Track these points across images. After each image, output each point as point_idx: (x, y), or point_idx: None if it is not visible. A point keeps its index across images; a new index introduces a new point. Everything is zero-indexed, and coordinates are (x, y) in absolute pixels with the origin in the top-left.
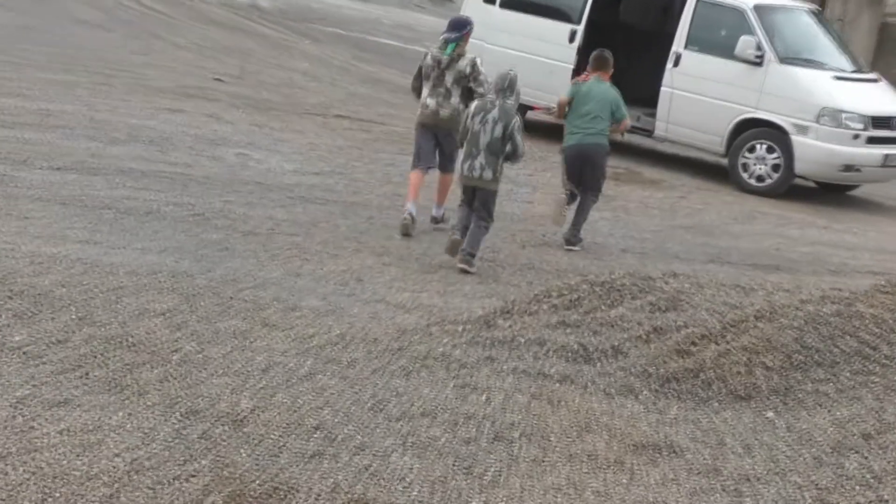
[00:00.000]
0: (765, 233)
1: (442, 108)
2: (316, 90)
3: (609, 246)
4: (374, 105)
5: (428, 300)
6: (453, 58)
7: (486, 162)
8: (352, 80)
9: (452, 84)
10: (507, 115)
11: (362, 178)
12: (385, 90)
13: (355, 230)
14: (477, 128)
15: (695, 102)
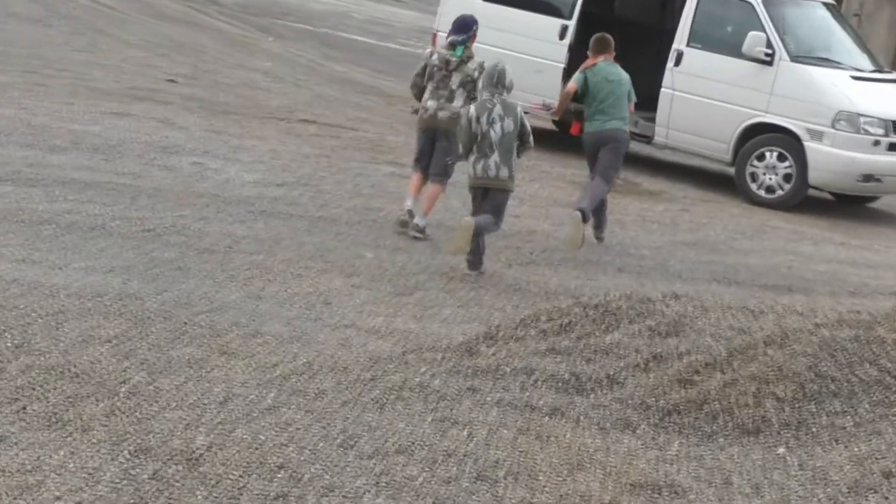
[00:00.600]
0: (776, 249)
1: (442, 110)
2: (279, 92)
3: (604, 264)
4: (343, 108)
5: (403, 325)
6: (463, 59)
7: (500, 160)
8: (319, 80)
9: (458, 87)
10: (511, 108)
11: (330, 189)
12: (355, 92)
13: (322, 248)
14: (485, 129)
15: (698, 105)
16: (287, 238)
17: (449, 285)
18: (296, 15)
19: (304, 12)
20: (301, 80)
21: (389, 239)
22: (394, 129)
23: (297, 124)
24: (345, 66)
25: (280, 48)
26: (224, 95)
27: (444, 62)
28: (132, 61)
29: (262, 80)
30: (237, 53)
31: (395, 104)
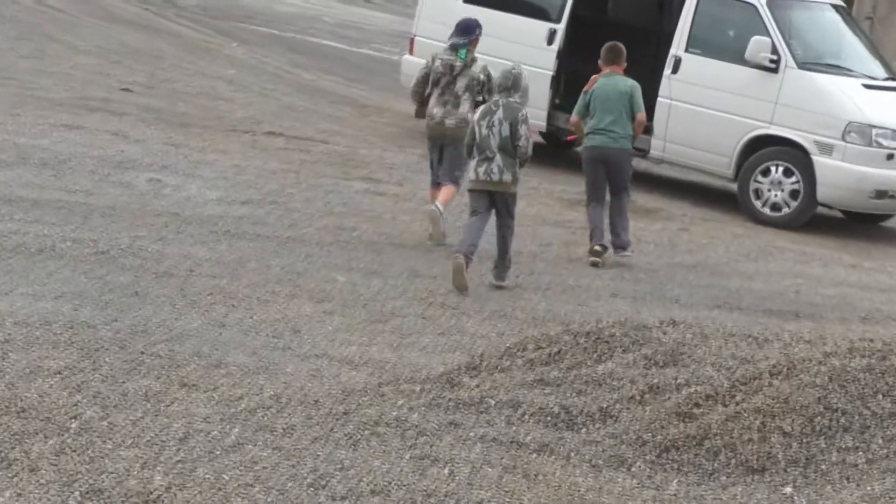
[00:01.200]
0: (782, 272)
1: (448, 117)
2: (243, 102)
3: (595, 288)
4: (313, 120)
5: (379, 354)
6: (467, 63)
7: (504, 164)
8: (286, 89)
9: (464, 91)
10: (512, 111)
11: (299, 207)
12: (326, 102)
13: (291, 271)
14: (485, 132)
15: (697, 116)
16: (252, 260)
17: (428, 311)
18: (261, 18)
19: (269, 15)
20: (267, 89)
21: (363, 261)
22: (367, 141)
23: (262, 137)
24: (314, 74)
25: (244, 54)
26: (183, 106)
27: (448, 67)
28: (83, 69)
29: (225, 89)
30: (198, 60)
31: (369, 115)
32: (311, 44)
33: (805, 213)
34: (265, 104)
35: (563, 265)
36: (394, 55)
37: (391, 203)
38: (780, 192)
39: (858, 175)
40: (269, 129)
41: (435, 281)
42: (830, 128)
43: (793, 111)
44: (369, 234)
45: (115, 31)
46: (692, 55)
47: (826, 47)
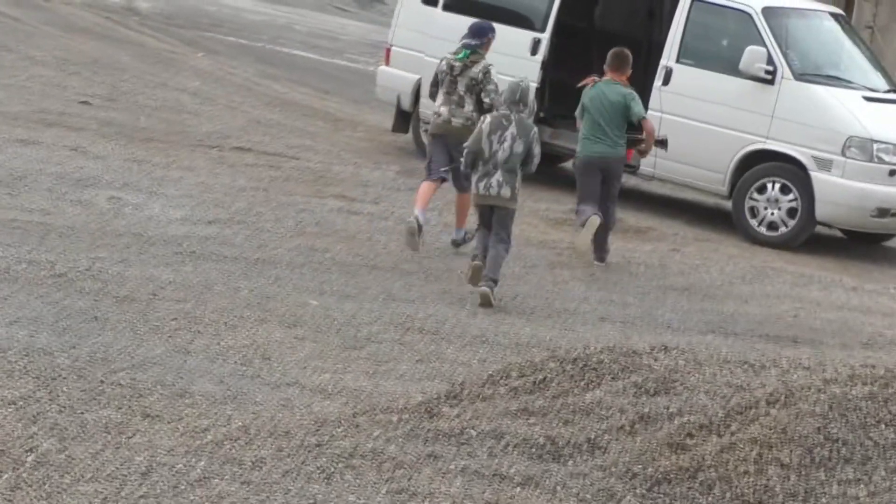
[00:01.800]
0: (779, 295)
1: (454, 116)
2: (209, 116)
3: (583, 313)
4: (283, 135)
5: (353, 383)
6: (466, 64)
7: (503, 179)
8: (256, 102)
9: (465, 91)
10: (526, 129)
11: (269, 227)
12: (298, 115)
13: (260, 294)
14: (495, 147)
15: (689, 130)
16: (219, 283)
17: (406, 337)
18: (228, 27)
19: (237, 24)
20: (235, 102)
21: (337, 284)
22: (341, 157)
23: (230, 153)
24: (285, 86)
25: (210, 65)
26: (146, 120)
27: (449, 67)
28: (40, 80)
29: (190, 101)
30: (161, 72)
31: (343, 129)
32: (281, 54)
33: (803, 232)
34: (233, 118)
35: (549, 288)
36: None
37: (366, 222)
38: (777, 211)
39: (859, 192)
40: (237, 144)
41: (413, 305)
42: (830, 142)
43: (790, 125)
44: (343, 255)
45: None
46: (684, 66)
47: (825, 58)
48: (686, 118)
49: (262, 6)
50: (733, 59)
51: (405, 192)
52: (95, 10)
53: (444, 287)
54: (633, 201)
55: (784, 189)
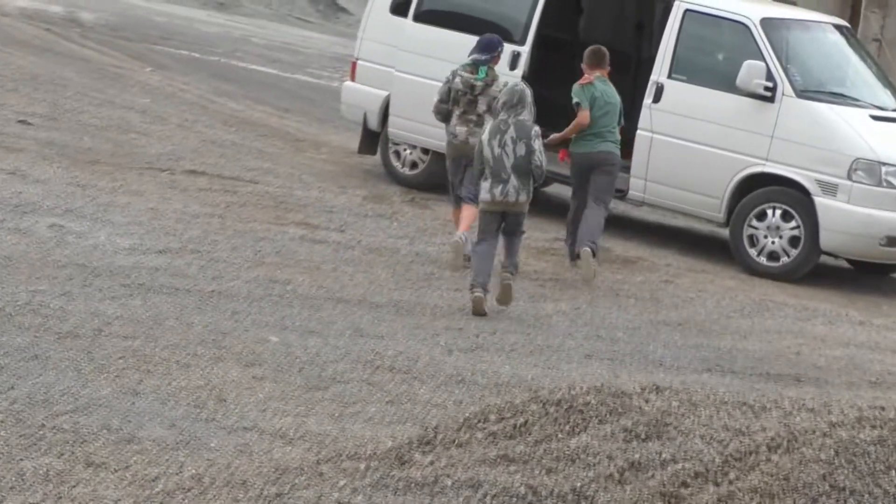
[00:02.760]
0: (781, 330)
1: (472, 136)
2: (160, 136)
3: (567, 350)
4: (240, 157)
5: (317, 427)
6: (487, 82)
7: (519, 185)
8: (210, 121)
9: (486, 111)
10: (524, 129)
11: (225, 257)
12: (256, 136)
13: (216, 330)
14: (497, 152)
15: (682, 151)
16: (171, 318)
17: (374, 376)
18: (179, 39)
19: (189, 36)
20: (187, 121)
21: (299, 319)
22: (303, 181)
23: (182, 176)
24: (242, 104)
25: (160, 81)
26: (91, 140)
27: (468, 86)
28: None
29: (139, 120)
30: (107, 88)
31: (305, 150)
32: (237, 69)
33: (806, 262)
34: (185, 138)
35: (530, 322)
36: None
37: (331, 252)
38: (778, 239)
39: (866, 219)
40: (190, 166)
41: (382, 341)
42: (835, 165)
43: (791, 146)
44: (306, 287)
45: (11, 55)
46: (676, 82)
47: (829, 73)
48: (678, 139)
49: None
50: (730, 74)
51: (372, 218)
52: (35, 22)
53: (416, 321)
54: (622, 229)
55: (785, 216)
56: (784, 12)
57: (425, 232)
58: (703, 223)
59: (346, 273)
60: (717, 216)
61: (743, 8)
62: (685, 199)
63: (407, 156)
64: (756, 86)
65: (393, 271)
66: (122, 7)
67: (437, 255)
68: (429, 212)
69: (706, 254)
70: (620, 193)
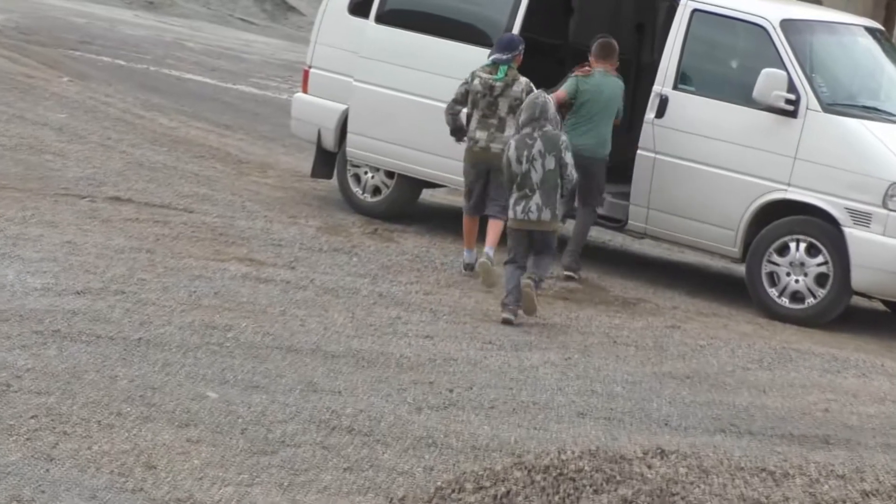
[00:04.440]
0: (806, 384)
1: (493, 142)
2: (78, 157)
3: (557, 407)
4: (173, 181)
5: (264, 498)
6: (507, 82)
7: (542, 202)
8: (137, 140)
9: (507, 113)
10: (552, 141)
11: (155, 299)
12: (191, 156)
13: (144, 385)
14: (525, 167)
15: (690, 175)
16: (91, 371)
17: (330, 439)
18: (101, 44)
19: (113, 40)
20: (111, 140)
21: (242, 371)
22: (247, 210)
23: (105, 204)
24: (175, 119)
25: (79, 93)
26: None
27: (487, 87)
28: None
29: (54, 139)
30: (16, 101)
31: (249, 174)
32: (170, 78)
33: (836, 304)
34: (108, 160)
35: (513, 375)
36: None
37: (279, 293)
38: (803, 277)
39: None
40: (114, 193)
41: (339, 398)
42: (868, 191)
43: (817, 168)
44: (250, 334)
45: None
46: (683, 94)
47: (860, 83)
48: (686, 160)
49: (144, 17)
50: (745, 85)
51: (328, 253)
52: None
53: (379, 374)
54: (621, 265)
55: (811, 250)
56: (808, 13)
57: (390, 269)
58: (715, 259)
59: (297, 317)
60: (731, 250)
61: (760, 7)
62: (694, 231)
63: (368, 180)
64: (776, 98)
65: (352, 315)
66: (34, 6)
67: (403, 297)
68: (394, 245)
69: (718, 295)
70: (618, 224)
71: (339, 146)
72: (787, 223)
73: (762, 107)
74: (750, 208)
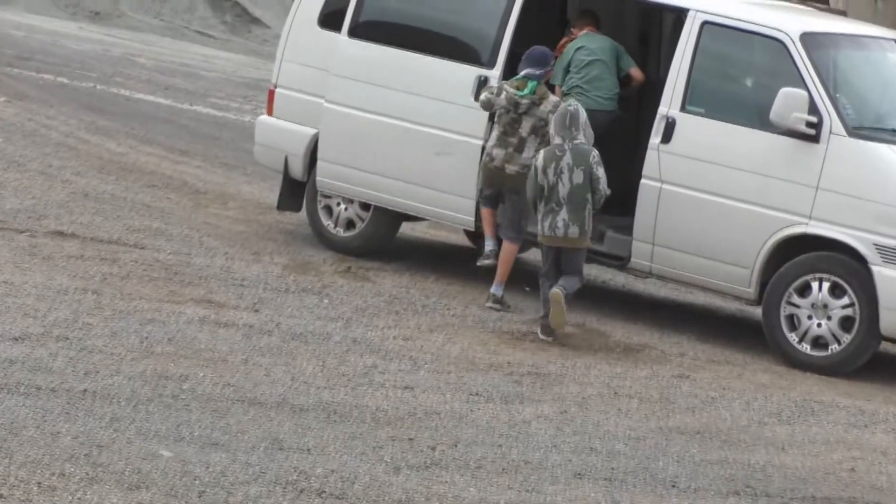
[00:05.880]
0: (829, 440)
1: (509, 162)
2: (17, 187)
3: (551, 467)
4: (122, 213)
5: None
6: (535, 100)
7: (569, 217)
8: (82, 167)
9: (529, 134)
10: (583, 155)
11: (102, 346)
12: (143, 186)
13: (90, 442)
14: (552, 180)
15: (700, 207)
16: (30, 426)
17: (298, 502)
18: (41, 60)
19: (55, 56)
20: (52, 167)
21: (199, 427)
22: (205, 246)
23: (46, 239)
24: (125, 144)
25: (17, 114)
26: None
27: (512, 103)
28: None
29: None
30: None
31: (208, 205)
32: (118, 98)
33: (862, 351)
34: (49, 189)
35: (503, 431)
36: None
37: (241, 338)
38: (826, 321)
39: None
40: (56, 226)
41: (308, 456)
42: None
43: (842, 199)
44: (208, 385)
45: None
46: (692, 116)
47: (890, 104)
48: (695, 190)
49: (89, 31)
50: (761, 106)
51: (296, 294)
52: None
53: (352, 430)
54: (623, 307)
55: (835, 290)
56: (831, 25)
57: (365, 312)
58: (728, 300)
59: (261, 366)
60: (745, 291)
61: (778, 20)
62: (704, 270)
63: (341, 212)
64: (795, 121)
65: (322, 364)
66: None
67: (379, 343)
68: (370, 285)
69: (732, 340)
70: (620, 261)
71: (309, 175)
72: (809, 260)
73: (780, 130)
74: (767, 244)
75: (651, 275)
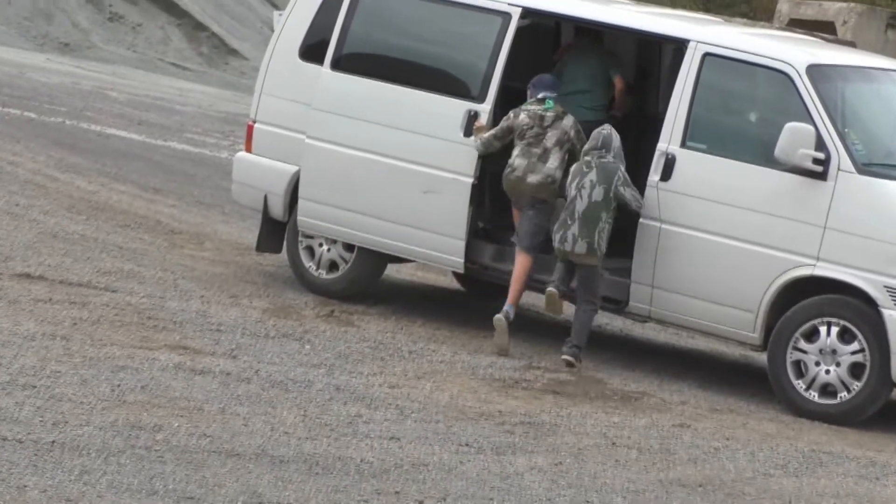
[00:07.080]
0: (839, 493)
1: (531, 172)
2: None
3: None
4: (93, 255)
5: None
6: (557, 114)
7: (579, 233)
8: (51, 206)
9: (554, 145)
10: (608, 174)
11: (71, 395)
12: (114, 226)
13: (59, 496)
14: (573, 193)
15: (701, 248)
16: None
17: None
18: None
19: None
20: (19, 206)
21: (174, 480)
22: (180, 289)
23: (12, 282)
24: (95, 182)
25: None
26: None
27: (537, 118)
28: None
29: None
30: None
31: (183, 246)
32: (89, 133)
33: (873, 399)
34: (16, 230)
35: (495, 484)
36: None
37: (218, 386)
38: (835, 367)
39: None
40: (23, 269)
41: None
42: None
43: (851, 240)
44: (183, 435)
45: None
46: (693, 152)
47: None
48: (696, 230)
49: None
50: (766, 142)
51: (276, 340)
52: None
53: (335, 483)
54: (621, 354)
55: (844, 335)
56: (839, 57)
57: (348, 358)
58: (732, 346)
59: (239, 416)
60: (750, 336)
61: (783, 51)
62: (706, 314)
63: (324, 253)
64: (802, 157)
65: (304, 413)
66: None
67: (364, 391)
68: (354, 330)
69: (735, 388)
70: (618, 305)
71: (289, 215)
72: (817, 304)
73: (786, 167)
74: (772, 287)
75: (650, 319)
